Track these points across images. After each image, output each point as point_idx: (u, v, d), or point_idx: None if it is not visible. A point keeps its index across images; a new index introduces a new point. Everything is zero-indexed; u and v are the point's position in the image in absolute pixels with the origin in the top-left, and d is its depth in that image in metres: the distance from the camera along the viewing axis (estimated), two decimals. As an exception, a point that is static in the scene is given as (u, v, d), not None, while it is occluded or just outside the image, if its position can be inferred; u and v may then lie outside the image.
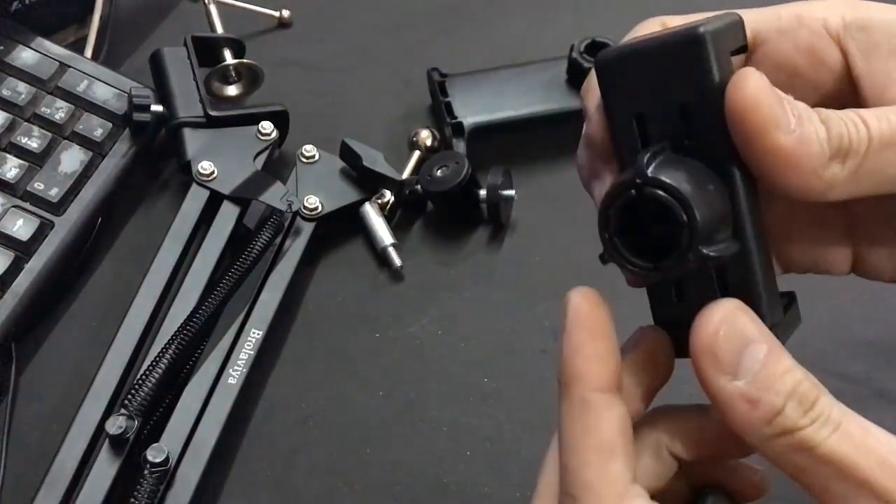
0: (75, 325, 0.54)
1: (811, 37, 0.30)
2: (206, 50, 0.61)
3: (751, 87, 0.26)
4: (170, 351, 0.48)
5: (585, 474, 0.28)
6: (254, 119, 0.58)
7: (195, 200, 0.55)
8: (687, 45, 0.27)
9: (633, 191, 0.27)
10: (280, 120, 0.59)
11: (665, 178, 0.26)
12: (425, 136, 0.61)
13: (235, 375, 0.49)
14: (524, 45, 0.67)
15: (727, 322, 0.27)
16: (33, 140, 0.56)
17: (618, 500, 0.28)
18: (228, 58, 0.61)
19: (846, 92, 0.30)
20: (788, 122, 0.26)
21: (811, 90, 0.31)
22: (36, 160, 0.55)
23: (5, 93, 0.57)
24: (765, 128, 0.26)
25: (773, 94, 0.26)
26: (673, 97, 0.28)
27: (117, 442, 0.46)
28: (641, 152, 0.27)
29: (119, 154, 0.57)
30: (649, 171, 0.27)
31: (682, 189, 0.26)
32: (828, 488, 0.26)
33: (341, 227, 0.58)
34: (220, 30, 0.63)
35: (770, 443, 0.27)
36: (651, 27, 0.31)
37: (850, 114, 0.27)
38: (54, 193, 0.54)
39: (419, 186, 0.57)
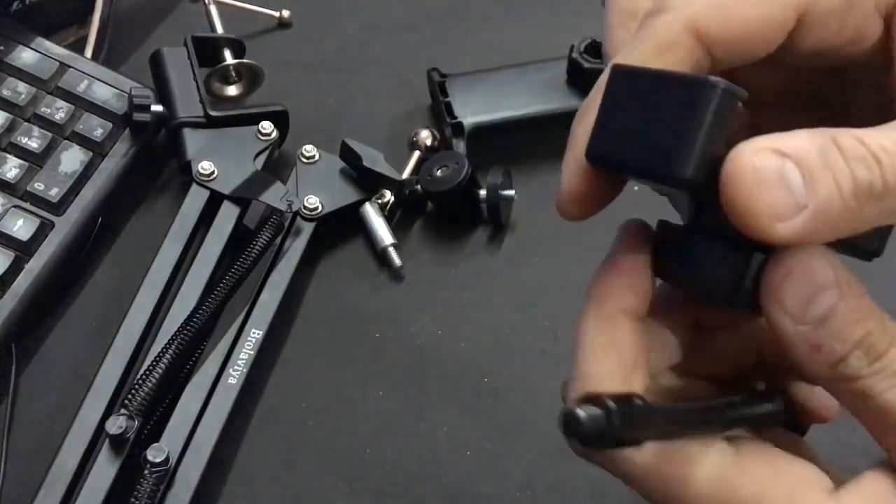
0: (75, 325, 0.54)
1: (860, 19, 0.28)
2: (206, 50, 0.61)
3: (748, 174, 0.24)
4: (170, 351, 0.48)
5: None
6: (254, 119, 0.58)
7: (195, 200, 0.55)
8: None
9: None
10: (280, 120, 0.59)
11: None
12: (425, 136, 0.61)
13: (235, 375, 0.49)
14: (524, 45, 0.67)
15: (798, 268, 0.26)
16: (33, 140, 0.56)
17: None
18: (228, 58, 0.61)
19: (875, 66, 0.29)
20: (792, 204, 0.24)
21: (837, 61, 0.29)
22: (36, 160, 0.55)
23: (5, 93, 0.57)
24: (764, 221, 0.24)
25: (773, 175, 0.24)
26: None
27: (117, 442, 0.46)
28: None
29: (119, 154, 0.57)
30: None
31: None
32: (886, 434, 0.27)
33: (341, 227, 0.58)
34: (220, 30, 0.63)
35: (831, 383, 0.27)
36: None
37: (863, 151, 0.24)
38: (54, 193, 0.54)
39: (419, 186, 0.57)
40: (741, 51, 0.28)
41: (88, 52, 0.63)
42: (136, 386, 0.47)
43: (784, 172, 0.24)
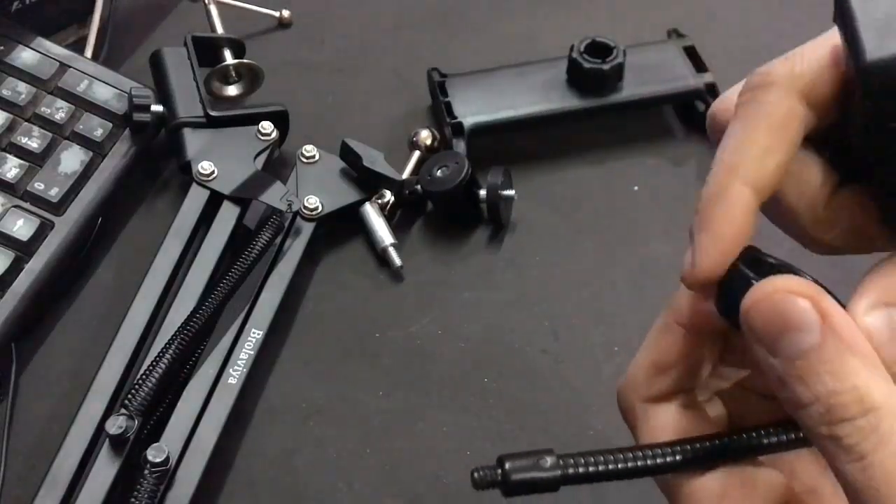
0: (75, 325, 0.54)
1: None
2: (206, 50, 0.61)
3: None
4: (170, 351, 0.48)
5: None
6: (254, 119, 0.58)
7: (195, 200, 0.55)
8: None
9: None
10: (280, 120, 0.59)
11: None
12: (425, 136, 0.61)
13: (235, 375, 0.49)
14: (524, 45, 0.68)
15: (773, 297, 0.25)
16: (33, 140, 0.56)
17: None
18: (228, 58, 0.61)
19: None
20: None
21: None
22: (36, 160, 0.55)
23: (5, 93, 0.57)
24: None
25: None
26: None
27: (117, 442, 0.46)
28: None
29: (119, 154, 0.57)
30: None
31: None
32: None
33: (341, 227, 0.58)
34: (220, 30, 0.63)
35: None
36: None
37: None
38: (54, 193, 0.54)
39: (419, 186, 0.57)
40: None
41: (88, 52, 0.63)
42: (136, 386, 0.47)
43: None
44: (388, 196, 0.58)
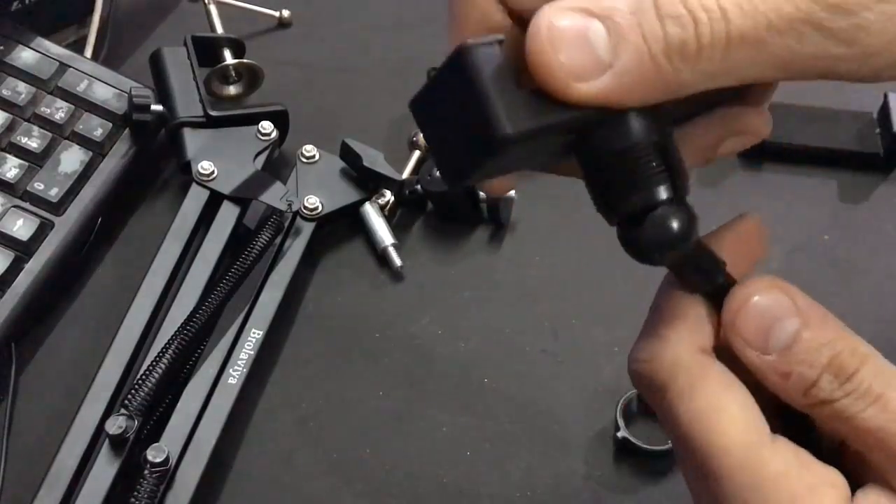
0: (75, 325, 0.54)
1: None
2: (206, 50, 0.61)
3: (543, 33, 0.23)
4: (170, 351, 0.48)
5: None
6: (254, 119, 0.58)
7: (195, 200, 0.55)
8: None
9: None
10: (280, 120, 0.59)
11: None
12: (425, 136, 0.61)
13: (235, 375, 0.49)
14: (524, 45, 0.67)
15: (752, 301, 0.27)
16: (33, 140, 0.56)
17: None
18: (228, 58, 0.61)
19: None
20: (592, 63, 0.23)
21: None
22: (36, 160, 0.55)
23: (5, 93, 0.57)
24: (561, 80, 0.23)
25: (571, 33, 0.23)
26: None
27: (117, 442, 0.46)
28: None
29: (119, 154, 0.57)
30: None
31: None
32: (871, 452, 0.27)
33: (341, 227, 0.58)
34: (220, 30, 0.63)
35: (809, 410, 0.27)
36: None
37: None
38: (54, 193, 0.54)
39: (419, 186, 0.57)
40: None
41: (88, 52, 0.63)
42: (136, 386, 0.47)
43: (586, 31, 0.23)
44: (388, 196, 0.58)
